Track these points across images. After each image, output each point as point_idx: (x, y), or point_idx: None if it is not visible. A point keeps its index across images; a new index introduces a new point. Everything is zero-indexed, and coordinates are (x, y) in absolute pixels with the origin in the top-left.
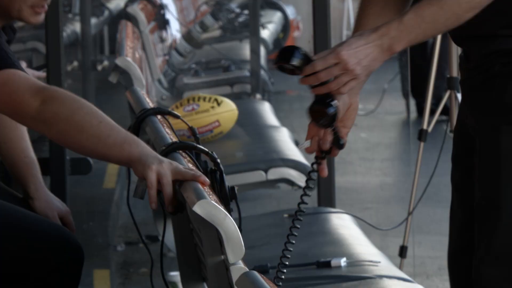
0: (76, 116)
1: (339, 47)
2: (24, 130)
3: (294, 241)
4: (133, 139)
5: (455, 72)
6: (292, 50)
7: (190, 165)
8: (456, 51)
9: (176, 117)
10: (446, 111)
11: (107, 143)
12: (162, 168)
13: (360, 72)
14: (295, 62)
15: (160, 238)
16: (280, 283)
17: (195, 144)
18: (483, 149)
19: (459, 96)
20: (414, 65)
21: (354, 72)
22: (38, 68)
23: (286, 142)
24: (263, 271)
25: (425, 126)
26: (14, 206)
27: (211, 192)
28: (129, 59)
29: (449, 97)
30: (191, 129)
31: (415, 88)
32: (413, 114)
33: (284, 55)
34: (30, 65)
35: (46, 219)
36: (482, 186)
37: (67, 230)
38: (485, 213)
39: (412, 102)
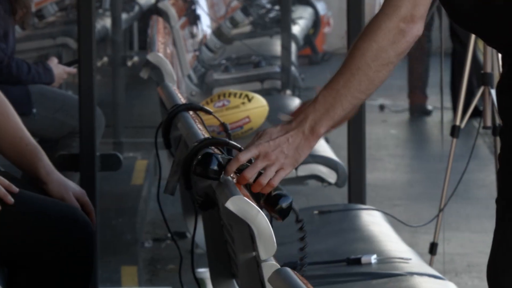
0: None
1: (259, 139)
2: (17, 118)
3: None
4: None
5: (489, 67)
6: (209, 157)
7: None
8: (491, 48)
9: (208, 113)
10: (477, 112)
11: None
12: None
13: (285, 161)
14: (214, 167)
15: (188, 234)
16: None
17: (227, 140)
18: (503, 150)
19: (493, 92)
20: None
21: (278, 161)
22: (69, 64)
23: None
24: (293, 268)
25: (457, 122)
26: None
27: (242, 189)
28: (160, 54)
29: (483, 93)
30: (223, 125)
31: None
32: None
33: (201, 164)
34: (60, 61)
35: (51, 200)
36: (502, 186)
37: (73, 209)
38: (503, 213)
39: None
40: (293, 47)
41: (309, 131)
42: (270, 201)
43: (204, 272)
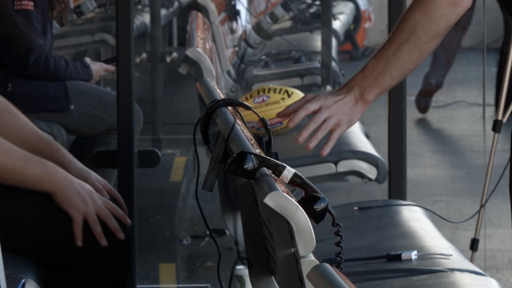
0: None
1: (315, 97)
2: (25, 117)
3: None
4: (50, 171)
5: None
6: (244, 156)
7: (258, 151)
8: None
9: (248, 108)
10: None
11: (25, 184)
12: (88, 208)
13: (342, 117)
14: (249, 166)
15: (227, 231)
16: None
17: (240, 101)
18: None
19: None
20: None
21: (337, 115)
22: (107, 62)
23: (357, 134)
24: (332, 264)
25: (500, 117)
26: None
27: (281, 183)
28: (199, 50)
29: None
30: (262, 120)
31: None
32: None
33: (236, 162)
34: (98, 57)
35: None
36: None
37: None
38: None
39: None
40: (334, 42)
41: (359, 96)
42: (305, 203)
43: (242, 269)
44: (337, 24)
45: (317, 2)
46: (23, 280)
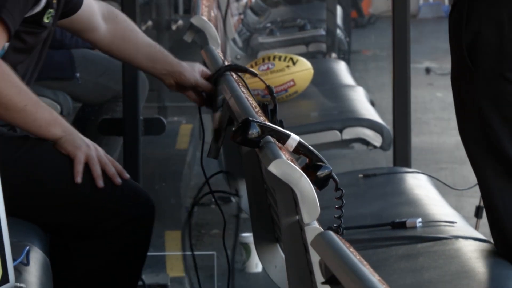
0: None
1: None
2: (139, 29)
3: None
4: (57, 120)
5: None
6: (248, 123)
7: (262, 119)
8: None
9: (253, 75)
10: None
11: (33, 126)
12: (90, 151)
13: None
14: (253, 134)
15: (233, 199)
16: None
17: (246, 67)
18: None
19: None
20: None
21: None
22: None
23: (362, 101)
24: (336, 231)
25: None
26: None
27: (286, 151)
28: (204, 18)
29: None
30: (268, 87)
31: None
32: None
33: (241, 131)
34: None
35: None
36: None
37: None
38: None
39: None
40: (339, 10)
41: None
42: (309, 170)
43: (248, 236)
44: None
45: None
46: (28, 247)
